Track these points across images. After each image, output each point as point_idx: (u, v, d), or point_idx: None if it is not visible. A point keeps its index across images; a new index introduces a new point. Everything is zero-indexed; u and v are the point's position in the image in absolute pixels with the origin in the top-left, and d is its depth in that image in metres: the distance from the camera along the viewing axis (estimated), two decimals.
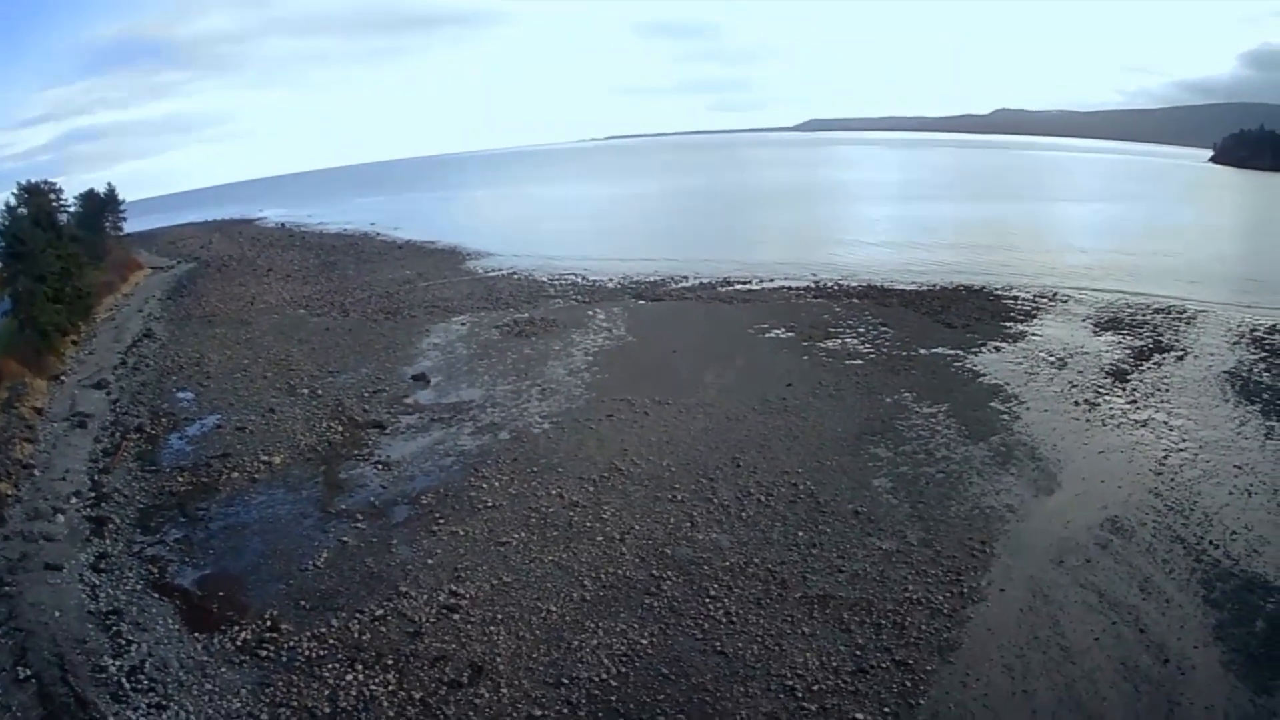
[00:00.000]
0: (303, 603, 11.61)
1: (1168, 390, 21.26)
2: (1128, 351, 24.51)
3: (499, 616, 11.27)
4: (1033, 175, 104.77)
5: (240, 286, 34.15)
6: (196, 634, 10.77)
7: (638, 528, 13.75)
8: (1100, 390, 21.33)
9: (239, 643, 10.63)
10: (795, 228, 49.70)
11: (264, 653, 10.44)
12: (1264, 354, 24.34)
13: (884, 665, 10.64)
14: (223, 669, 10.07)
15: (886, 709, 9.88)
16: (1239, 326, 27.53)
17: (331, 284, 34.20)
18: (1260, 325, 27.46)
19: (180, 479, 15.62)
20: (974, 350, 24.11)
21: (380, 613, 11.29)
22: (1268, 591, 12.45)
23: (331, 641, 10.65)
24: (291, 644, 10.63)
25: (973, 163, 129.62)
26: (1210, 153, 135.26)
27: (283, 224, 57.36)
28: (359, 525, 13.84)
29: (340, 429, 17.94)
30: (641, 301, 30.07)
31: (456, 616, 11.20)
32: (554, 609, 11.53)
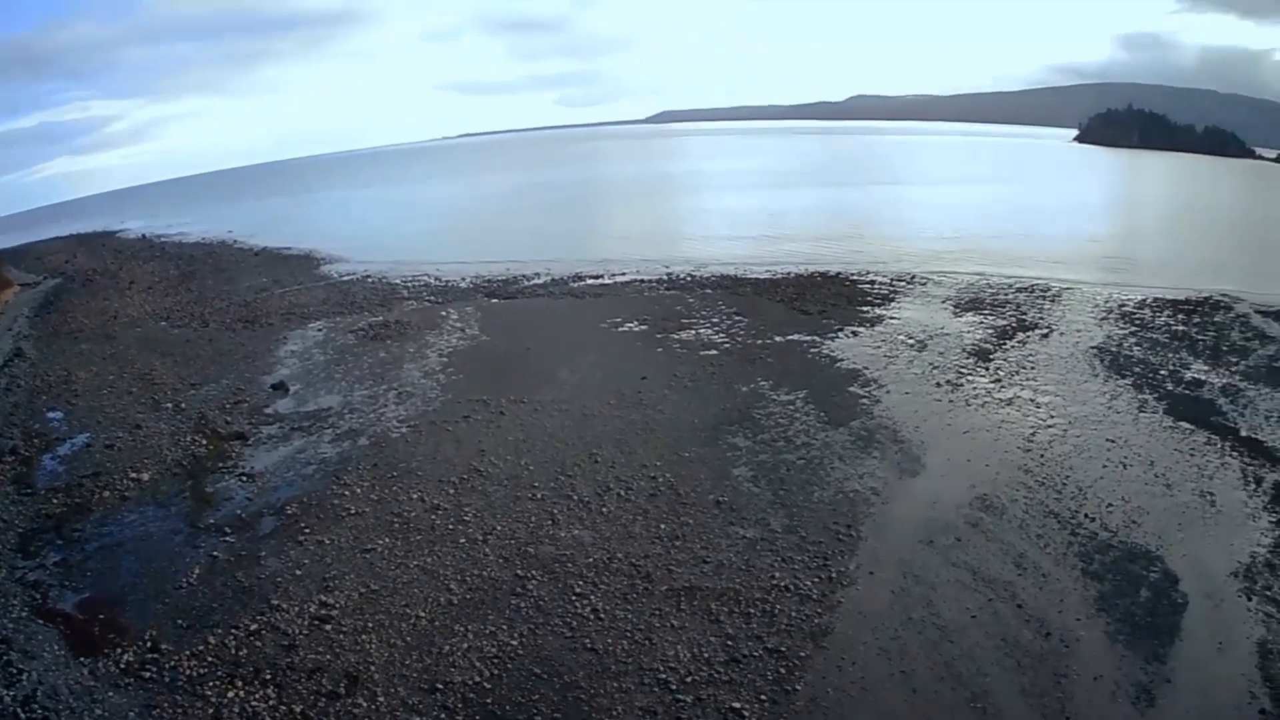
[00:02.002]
0: (180, 621, 22.30)
1: (1033, 368, 41.21)
2: (990, 331, 47.34)
3: (370, 625, 21.91)
4: (888, 160, 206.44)
5: (105, 301, 65.29)
6: (82, 659, 20.93)
7: (500, 528, 26.54)
8: (963, 371, 40.81)
9: (123, 665, 20.77)
10: (647, 221, 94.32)
11: (147, 674, 20.37)
12: (1134, 328, 48.10)
13: (757, 654, 20.63)
14: (110, 693, 19.76)
15: (763, 696, 19.31)
16: (1106, 302, 53.22)
17: (191, 295, 65.54)
18: (1129, 300, 53.73)
19: (55, 500, 30.12)
20: (830, 336, 46.52)
21: (255, 627, 21.88)
22: (1150, 561, 24.67)
23: (210, 659, 20.81)
24: (173, 664, 20.75)
25: (827, 150, 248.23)
26: (1075, 132, 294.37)
27: (144, 235, 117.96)
28: (228, 539, 26.59)
29: (204, 442, 34.22)
30: (494, 300, 56.91)
31: (329, 627, 21.74)
32: (423, 614, 22.37)
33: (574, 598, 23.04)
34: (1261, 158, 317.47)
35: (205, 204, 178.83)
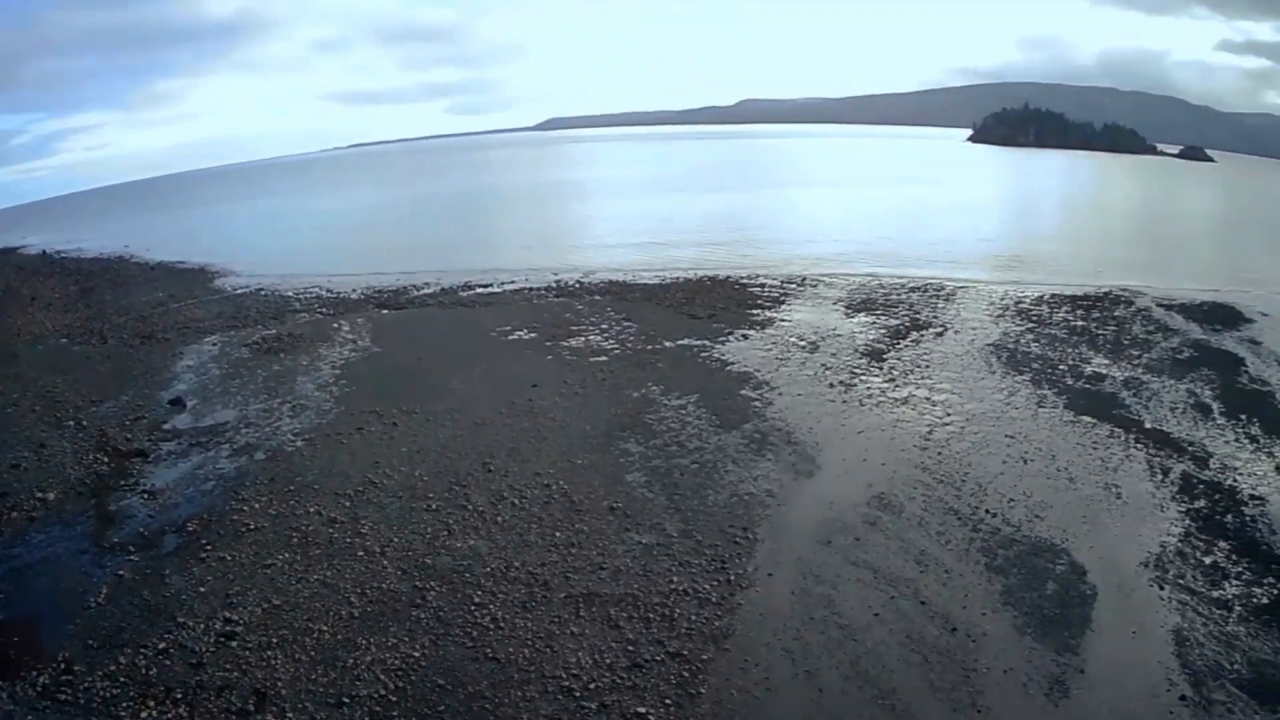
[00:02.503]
0: (91, 641, 23.36)
1: (928, 367, 44.08)
2: (883, 331, 50.34)
3: (274, 640, 23.09)
4: (779, 163, 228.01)
5: (7, 318, 68.77)
6: (0, 682, 21.91)
7: (397, 540, 28.12)
8: (856, 371, 43.54)
9: (39, 687, 21.73)
10: (536, 228, 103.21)
11: (63, 696, 21.34)
12: (1031, 325, 51.74)
13: (659, 658, 22.03)
14: (29, 717, 20.75)
15: (668, 701, 20.60)
16: (1002, 300, 57.58)
17: (90, 310, 69.14)
18: (1026, 297, 58.23)
19: None
20: (721, 340, 49.59)
21: (163, 645, 23.12)
22: (1055, 554, 26.31)
23: (122, 679, 21.88)
24: (86, 685, 21.76)
25: (717, 154, 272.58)
26: (970, 132, 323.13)
27: (44, 251, 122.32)
28: (133, 558, 27.83)
29: (106, 459, 35.85)
30: (385, 311, 60.25)
31: (234, 644, 23.00)
32: (325, 629, 23.64)
33: (473, 607, 24.45)
34: (1163, 153, 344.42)
35: (104, 218, 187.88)
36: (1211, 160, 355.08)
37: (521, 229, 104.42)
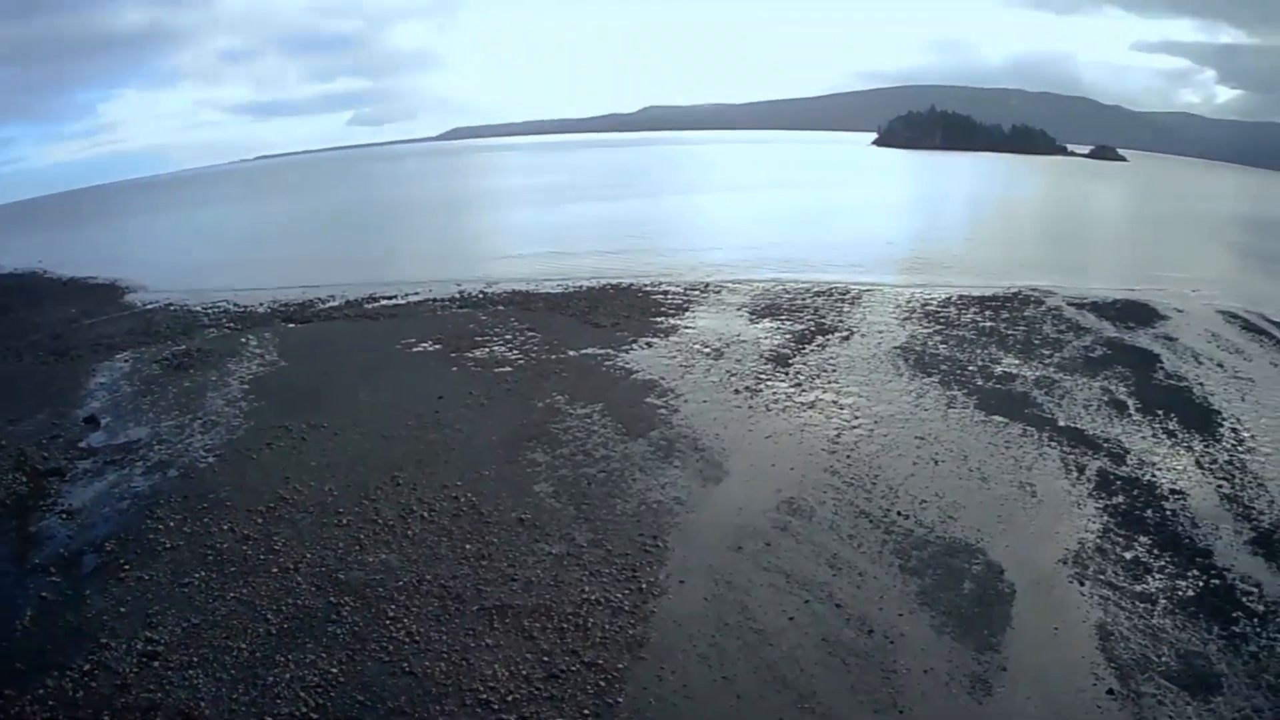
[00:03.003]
0: (19, 664, 24.16)
1: (834, 371, 46.90)
2: (788, 336, 53.38)
3: (195, 660, 24.07)
4: (682, 170, 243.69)
5: None
6: None
7: (309, 555, 29.17)
8: (761, 377, 45.87)
9: None
10: (440, 239, 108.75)
11: None
12: (938, 326, 55.12)
13: (574, 668, 23.16)
14: None
15: (586, 711, 21.68)
16: (909, 302, 61.26)
17: (6, 328, 70.26)
18: (933, 299, 62.06)
19: None
20: (625, 348, 51.95)
21: (88, 667, 23.91)
22: (971, 554, 28.25)
23: (51, 703, 22.64)
24: (16, 710, 22.30)
25: (620, 161, 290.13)
26: (875, 135, 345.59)
27: None
28: (54, 579, 28.79)
29: (25, 479, 37.00)
30: (291, 325, 62.17)
31: (157, 664, 23.96)
32: (244, 646, 24.57)
33: (388, 622, 25.38)
34: (1073, 153, 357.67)
35: (17, 234, 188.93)
36: (1124, 159, 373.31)
37: (425, 240, 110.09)
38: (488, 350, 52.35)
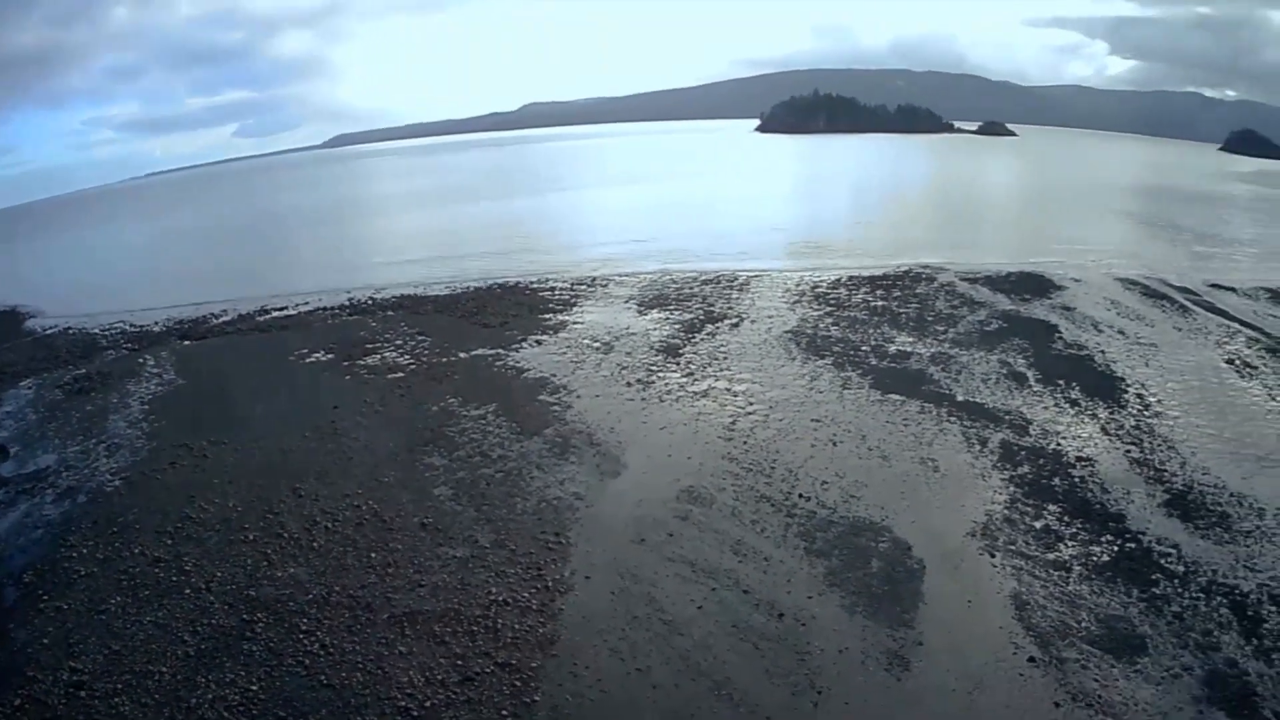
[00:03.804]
0: None
1: (726, 358, 49.52)
2: (678, 326, 56.23)
3: (120, 686, 24.96)
4: (565, 166, 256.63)
5: None
6: None
7: (220, 574, 30.10)
8: (653, 368, 48.25)
9: None
10: (328, 247, 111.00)
11: None
12: (829, 308, 59.34)
13: (489, 670, 24.38)
14: None
15: (504, 711, 22.93)
16: (798, 286, 65.94)
17: None
18: (822, 281, 66.93)
19: None
20: (515, 347, 53.80)
21: (19, 702, 24.79)
22: (876, 532, 30.61)
23: None
24: None
25: (502, 160, 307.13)
26: (759, 121, 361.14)
27: None
28: None
29: None
30: (187, 342, 63.41)
31: (84, 693, 24.79)
32: (165, 670, 25.47)
33: (301, 636, 26.32)
34: (960, 130, 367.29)
35: None
36: (1013, 134, 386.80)
37: (313, 250, 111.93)
38: (380, 356, 53.59)
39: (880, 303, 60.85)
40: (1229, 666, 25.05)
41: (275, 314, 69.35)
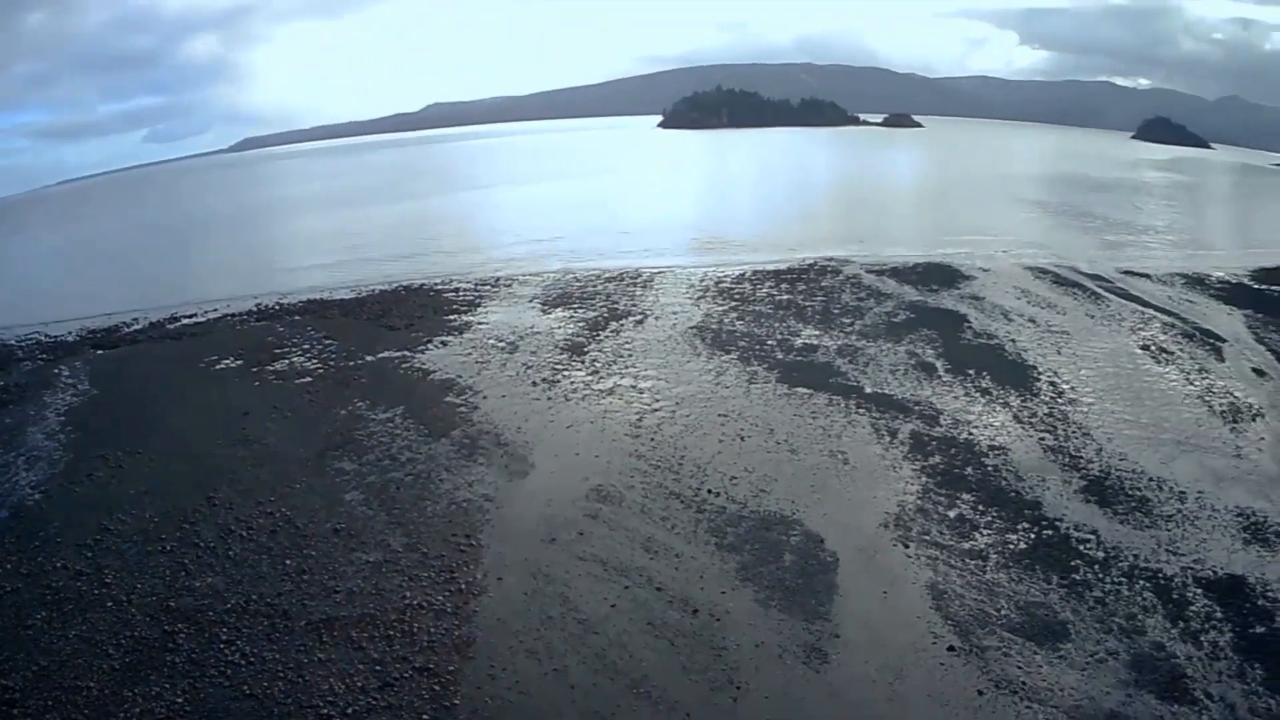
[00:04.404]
0: None
1: (631, 355, 50.20)
2: (582, 324, 56.47)
3: (49, 703, 25.17)
4: (468, 166, 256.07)
5: None
6: None
7: (140, 586, 30.32)
8: (558, 367, 48.67)
9: None
10: (235, 253, 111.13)
11: None
12: (734, 303, 60.01)
13: (407, 674, 24.93)
14: None
15: (425, 716, 23.45)
16: (702, 281, 66.45)
17: None
18: (726, 277, 67.42)
19: None
20: (420, 349, 54.32)
21: None
22: (788, 526, 31.50)
23: None
24: None
25: (406, 161, 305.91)
26: (661, 118, 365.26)
27: None
28: None
29: None
30: (100, 351, 63.37)
31: (16, 710, 24.89)
32: (92, 685, 25.73)
33: (222, 646, 26.75)
34: (866, 123, 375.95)
35: None
36: (919, 125, 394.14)
37: (221, 255, 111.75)
38: (288, 362, 53.82)
39: (785, 296, 61.99)
40: (1156, 650, 26.03)
41: (185, 321, 69.64)
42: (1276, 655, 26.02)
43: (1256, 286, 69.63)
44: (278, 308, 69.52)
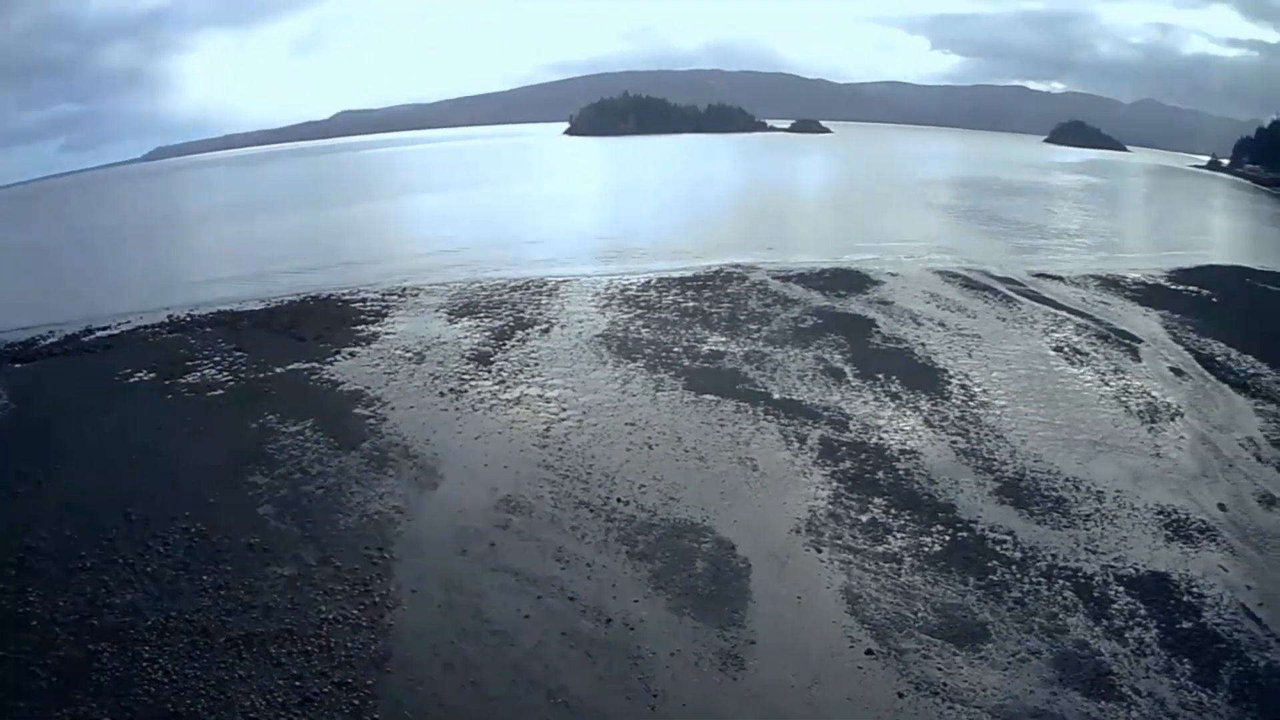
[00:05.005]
0: None
1: (537, 364, 51.25)
2: (488, 334, 57.47)
3: None
4: (377, 174, 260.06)
5: None
6: None
7: (62, 604, 29.91)
8: (465, 377, 49.43)
9: None
10: (147, 265, 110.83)
11: None
12: (640, 311, 61.59)
13: (326, 690, 25.12)
14: None
15: None
16: (608, 289, 68.06)
17: None
18: (631, 285, 69.36)
19: None
20: (329, 360, 54.41)
21: None
22: (698, 533, 32.26)
23: None
24: None
25: (315, 170, 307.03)
26: (567, 125, 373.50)
27: None
28: None
29: None
30: (17, 365, 63.01)
31: None
32: (22, 705, 25.52)
33: (145, 664, 26.60)
34: (773, 128, 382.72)
35: None
36: (827, 131, 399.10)
37: (134, 267, 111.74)
38: (200, 374, 53.83)
39: (691, 303, 62.86)
40: (1079, 648, 26.82)
41: (100, 334, 69.22)
42: (1204, 650, 26.94)
43: (1174, 287, 72.24)
44: (189, 319, 69.74)
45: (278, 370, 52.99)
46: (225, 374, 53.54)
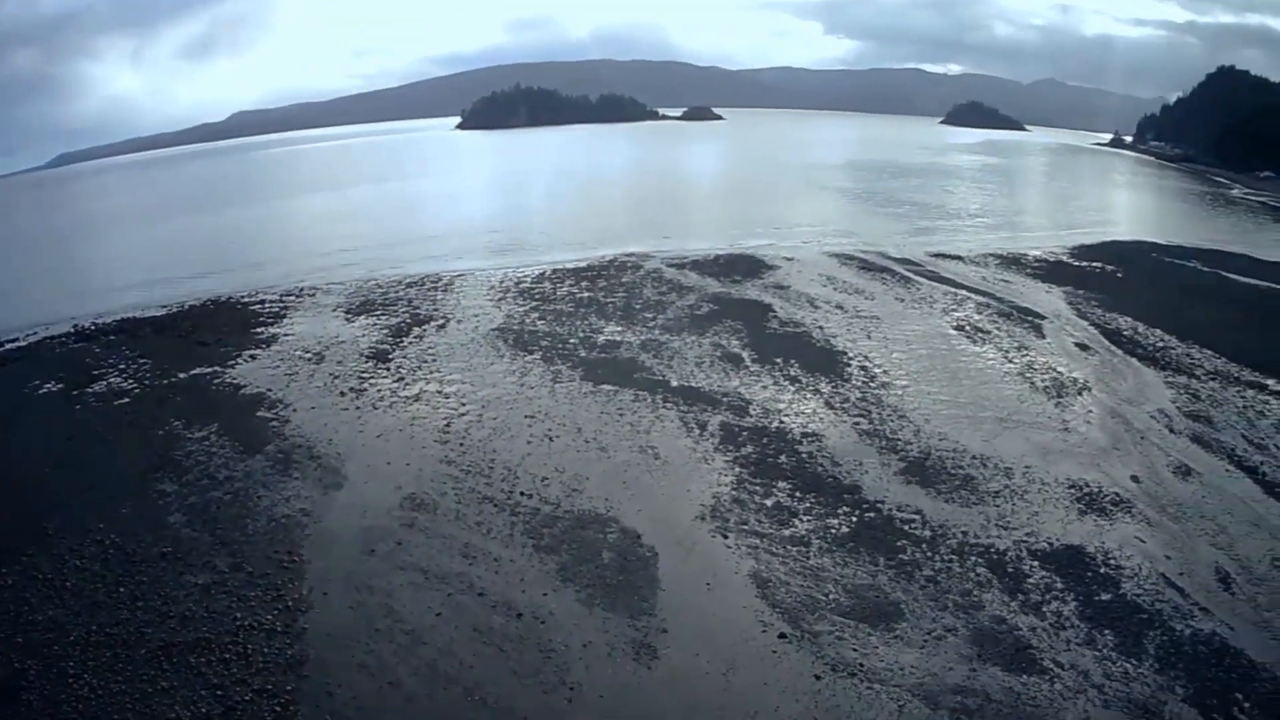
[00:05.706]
0: None
1: (435, 360, 52.11)
2: (386, 331, 58.32)
3: None
4: (271, 174, 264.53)
5: None
6: None
7: None
8: (364, 375, 50.02)
9: None
10: (49, 275, 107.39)
11: None
12: (535, 303, 63.21)
13: (248, 698, 24.97)
14: None
15: None
16: (502, 283, 69.93)
17: None
18: (526, 277, 71.36)
19: None
20: (231, 364, 54.32)
21: None
22: (603, 524, 32.51)
23: None
24: None
25: (212, 172, 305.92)
26: (459, 119, 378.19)
27: None
28: None
29: None
30: None
31: None
32: None
33: (71, 680, 26.31)
34: (665, 117, 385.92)
35: None
36: (720, 118, 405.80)
37: (37, 277, 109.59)
38: (106, 383, 53.59)
39: (586, 294, 63.59)
40: (996, 624, 27.34)
41: (8, 346, 68.46)
42: (1126, 621, 27.56)
43: (1077, 264, 74.32)
44: (94, 328, 69.13)
45: (181, 376, 53.02)
46: (131, 382, 53.43)
